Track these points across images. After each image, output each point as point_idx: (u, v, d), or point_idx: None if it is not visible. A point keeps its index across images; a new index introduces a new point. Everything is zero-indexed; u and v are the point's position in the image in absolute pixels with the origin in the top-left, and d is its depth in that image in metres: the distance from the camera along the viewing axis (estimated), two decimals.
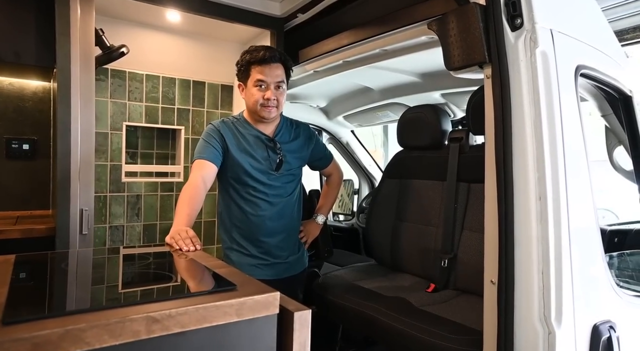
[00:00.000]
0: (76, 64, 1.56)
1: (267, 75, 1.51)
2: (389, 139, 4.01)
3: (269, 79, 1.51)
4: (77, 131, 1.58)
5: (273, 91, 1.52)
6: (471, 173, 1.69)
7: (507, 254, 1.05)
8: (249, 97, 1.55)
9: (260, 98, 1.52)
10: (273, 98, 1.52)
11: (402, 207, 1.95)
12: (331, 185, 1.87)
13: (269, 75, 1.51)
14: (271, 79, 1.52)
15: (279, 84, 1.54)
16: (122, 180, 2.30)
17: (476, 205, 1.66)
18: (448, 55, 1.24)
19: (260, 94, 1.52)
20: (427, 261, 1.79)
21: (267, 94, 1.51)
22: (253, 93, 1.53)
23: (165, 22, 2.26)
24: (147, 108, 2.37)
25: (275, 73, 1.53)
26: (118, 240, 2.32)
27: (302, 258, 1.74)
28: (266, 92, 1.51)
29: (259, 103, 1.52)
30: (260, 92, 1.52)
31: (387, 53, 1.64)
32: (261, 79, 1.51)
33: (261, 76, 1.51)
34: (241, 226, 1.58)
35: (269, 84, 1.52)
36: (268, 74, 1.51)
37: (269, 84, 1.52)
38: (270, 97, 1.51)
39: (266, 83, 1.52)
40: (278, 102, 1.55)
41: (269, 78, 1.51)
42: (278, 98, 1.54)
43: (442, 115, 1.87)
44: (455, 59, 1.22)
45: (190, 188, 1.41)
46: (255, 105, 1.53)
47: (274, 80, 1.52)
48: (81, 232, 1.59)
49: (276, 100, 1.53)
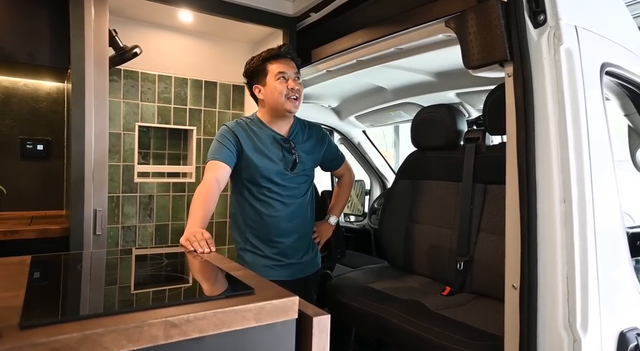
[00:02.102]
0: (90, 64, 1.56)
1: (286, 68, 1.54)
2: (401, 139, 3.97)
3: (288, 70, 1.54)
4: (91, 132, 1.58)
5: (294, 81, 1.54)
6: (488, 174, 1.66)
7: (530, 258, 1.02)
8: (272, 92, 1.54)
9: (284, 89, 1.52)
10: (297, 88, 1.53)
11: (416, 208, 1.93)
12: (343, 186, 1.86)
13: (288, 67, 1.54)
14: (290, 70, 1.54)
15: (297, 75, 1.57)
16: (135, 181, 2.30)
17: (493, 207, 1.63)
18: (467, 53, 1.21)
19: (283, 85, 1.52)
20: (441, 263, 1.76)
21: (290, 83, 1.52)
22: (276, 87, 1.53)
23: (178, 23, 2.26)
24: (159, 108, 2.37)
25: (292, 65, 1.56)
26: (130, 240, 2.32)
27: (315, 259, 1.73)
28: (289, 82, 1.52)
29: (283, 95, 1.52)
30: (283, 83, 1.52)
31: (402, 52, 1.61)
32: (282, 71, 1.53)
33: (281, 68, 1.53)
34: (255, 227, 1.57)
35: (289, 75, 1.54)
36: (286, 66, 1.54)
37: (289, 75, 1.54)
38: (294, 86, 1.53)
39: (287, 74, 1.53)
40: (300, 94, 1.56)
41: (288, 69, 1.54)
42: (299, 89, 1.56)
43: (458, 114, 1.84)
44: (475, 57, 1.19)
45: (204, 190, 1.40)
46: (280, 97, 1.53)
47: (293, 71, 1.55)
48: (95, 233, 1.59)
49: (298, 91, 1.55)
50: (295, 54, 1.61)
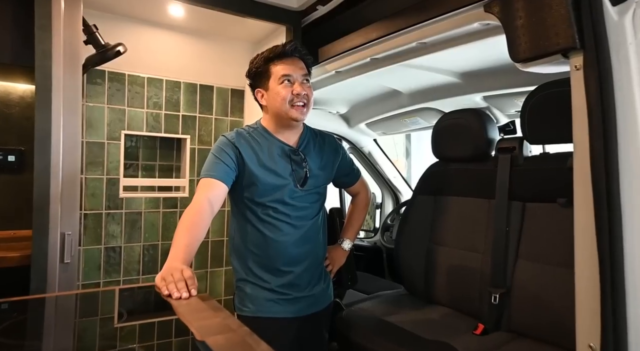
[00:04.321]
0: (59, 62, 1.33)
1: (292, 69, 1.30)
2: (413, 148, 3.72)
3: (294, 72, 1.30)
4: (59, 141, 1.34)
5: (301, 84, 1.30)
6: (527, 190, 1.43)
7: (616, 308, 0.76)
8: (274, 98, 1.32)
9: (288, 94, 1.29)
10: (303, 93, 1.30)
11: (439, 228, 1.70)
12: (358, 205, 1.63)
13: (294, 69, 1.30)
14: (296, 72, 1.31)
15: (305, 77, 1.33)
16: (120, 196, 2.06)
17: (534, 229, 1.39)
18: (515, 43, 0.97)
19: (288, 90, 1.29)
20: (471, 294, 1.52)
21: (296, 89, 1.29)
22: (279, 92, 1.30)
23: (168, 18, 2.02)
24: (148, 115, 2.13)
25: (299, 66, 1.32)
26: (115, 263, 2.07)
27: (327, 291, 1.49)
28: (294, 87, 1.29)
29: (287, 101, 1.29)
30: (288, 87, 1.29)
31: (425, 47, 1.37)
32: (286, 73, 1.30)
33: (286, 70, 1.30)
34: (259, 253, 1.34)
35: (295, 77, 1.30)
36: (292, 67, 1.30)
37: (295, 78, 1.30)
38: (300, 91, 1.29)
39: (292, 77, 1.30)
40: (308, 100, 1.32)
41: (294, 71, 1.30)
42: (307, 93, 1.32)
43: (488, 121, 1.60)
44: (526, 48, 0.95)
45: (192, 213, 1.17)
46: (283, 104, 1.30)
47: (300, 73, 1.31)
48: (62, 261, 1.35)
49: (306, 96, 1.31)
50: (305, 51, 1.37)
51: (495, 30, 1.15)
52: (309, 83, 1.34)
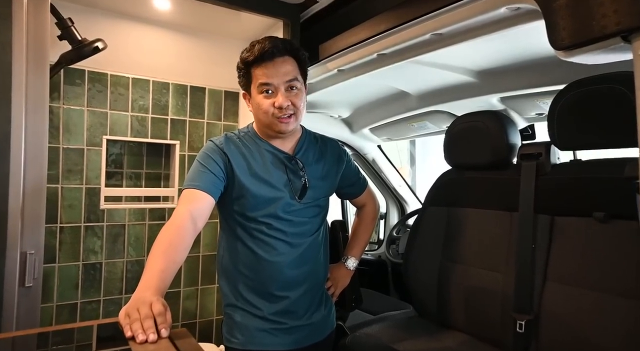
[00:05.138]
0: (21, 56, 1.16)
1: (272, 75, 1.10)
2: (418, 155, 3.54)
3: (275, 79, 1.10)
4: (21, 147, 1.17)
5: (284, 94, 1.11)
6: (555, 202, 1.26)
7: None
8: (257, 109, 1.15)
9: (269, 108, 1.11)
10: (287, 104, 1.10)
11: (453, 243, 1.53)
12: (365, 218, 1.46)
13: (274, 75, 1.10)
14: (278, 78, 1.10)
15: (291, 83, 1.12)
16: (101, 207, 1.88)
17: (565, 247, 1.23)
18: (556, 26, 0.81)
19: (268, 102, 1.11)
20: (491, 320, 1.36)
21: (278, 100, 1.10)
22: (259, 103, 1.12)
23: (154, 13, 1.84)
24: (133, 119, 1.96)
25: (282, 70, 1.10)
26: (95, 280, 1.88)
27: (329, 317, 1.31)
28: (276, 98, 1.10)
29: (269, 115, 1.12)
30: (268, 98, 1.11)
31: (442, 39, 1.20)
32: (264, 82, 1.10)
33: (264, 78, 1.10)
34: (250, 275, 1.17)
35: (277, 86, 1.10)
36: (272, 73, 1.10)
37: (276, 87, 1.11)
38: (282, 103, 1.09)
39: (273, 86, 1.10)
40: (295, 108, 1.13)
41: (275, 78, 1.10)
42: (294, 102, 1.12)
43: (508, 124, 1.43)
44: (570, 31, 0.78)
45: (170, 231, 0.99)
46: (266, 117, 1.13)
47: (283, 80, 1.10)
48: (23, 284, 1.17)
49: (292, 106, 1.12)
50: (295, 47, 1.16)
51: (526, 16, 0.98)
52: (297, 87, 1.13)
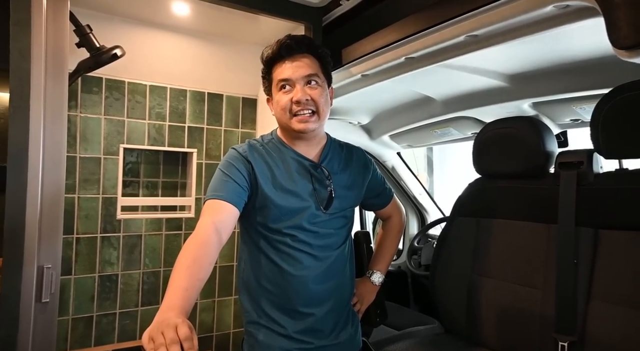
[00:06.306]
0: (40, 64, 1.12)
1: (290, 71, 1.06)
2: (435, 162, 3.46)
3: (294, 74, 1.06)
4: (39, 157, 1.13)
5: (302, 89, 1.06)
6: (600, 214, 1.18)
7: None
8: (276, 108, 1.11)
9: (287, 104, 1.06)
10: (305, 99, 1.05)
11: (483, 256, 1.46)
12: (391, 230, 1.40)
13: (293, 71, 1.06)
14: (296, 74, 1.06)
15: (310, 78, 1.07)
16: (118, 217, 1.84)
17: (612, 262, 1.15)
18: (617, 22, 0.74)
19: (287, 98, 1.06)
20: (528, 339, 1.28)
21: (296, 95, 1.05)
22: (278, 100, 1.08)
23: (172, 18, 1.80)
24: (150, 127, 1.93)
25: (300, 66, 1.06)
26: (111, 292, 1.84)
27: (356, 337, 1.25)
28: (295, 92, 1.06)
29: (287, 111, 1.07)
30: (287, 94, 1.07)
31: (477, 41, 1.14)
32: (283, 78, 1.07)
33: (283, 74, 1.07)
34: (274, 291, 1.11)
35: (295, 81, 1.06)
36: (290, 68, 1.06)
37: (294, 82, 1.06)
38: (300, 97, 1.05)
39: (291, 81, 1.06)
40: (315, 104, 1.07)
41: (293, 73, 1.06)
42: (313, 97, 1.06)
43: (545, 131, 1.36)
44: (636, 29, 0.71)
45: (195, 245, 0.93)
46: (284, 114, 1.08)
47: (302, 75, 1.06)
48: (39, 300, 1.12)
49: (311, 101, 1.06)
50: (315, 44, 1.12)
51: (574, 15, 0.91)
52: (316, 82, 1.08)
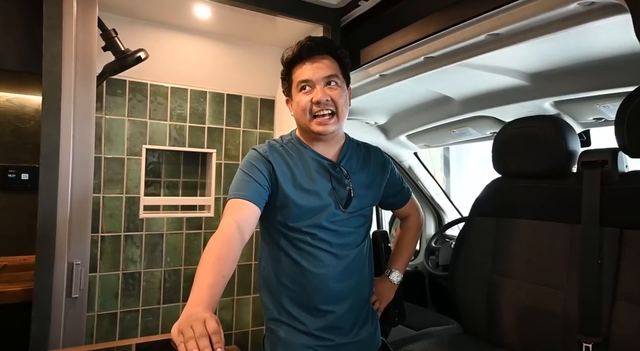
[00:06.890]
0: (70, 68, 1.16)
1: (310, 72, 1.08)
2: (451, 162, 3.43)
3: (314, 75, 1.07)
4: (69, 158, 1.17)
5: (322, 89, 1.07)
6: (625, 214, 1.17)
7: None
8: (296, 109, 1.12)
9: (307, 104, 1.08)
10: (325, 99, 1.07)
11: (503, 256, 1.45)
12: (409, 230, 1.40)
13: (313, 72, 1.08)
14: (316, 75, 1.07)
15: (330, 79, 1.09)
16: (141, 216, 1.89)
17: (638, 263, 1.12)
18: None
19: (307, 99, 1.08)
20: (551, 341, 1.27)
21: (316, 95, 1.07)
22: (298, 101, 1.10)
23: (193, 22, 1.84)
24: (172, 128, 1.97)
25: (320, 67, 1.08)
26: (134, 290, 1.89)
27: (375, 335, 1.26)
28: (314, 93, 1.07)
29: (307, 112, 1.08)
30: (306, 95, 1.08)
31: (499, 40, 1.13)
32: (303, 79, 1.08)
33: (303, 75, 1.08)
34: (294, 289, 1.13)
35: (315, 82, 1.08)
36: (310, 70, 1.08)
37: (314, 82, 1.08)
38: (320, 98, 1.06)
39: (311, 82, 1.08)
40: (335, 105, 1.09)
41: (313, 75, 1.07)
42: (333, 97, 1.08)
43: (567, 130, 1.35)
44: None
45: (218, 243, 0.94)
46: (304, 115, 1.10)
47: (322, 76, 1.08)
48: (70, 295, 1.16)
49: (331, 101, 1.08)
50: (335, 46, 1.14)
51: (599, 12, 0.90)
52: (336, 83, 1.10)
